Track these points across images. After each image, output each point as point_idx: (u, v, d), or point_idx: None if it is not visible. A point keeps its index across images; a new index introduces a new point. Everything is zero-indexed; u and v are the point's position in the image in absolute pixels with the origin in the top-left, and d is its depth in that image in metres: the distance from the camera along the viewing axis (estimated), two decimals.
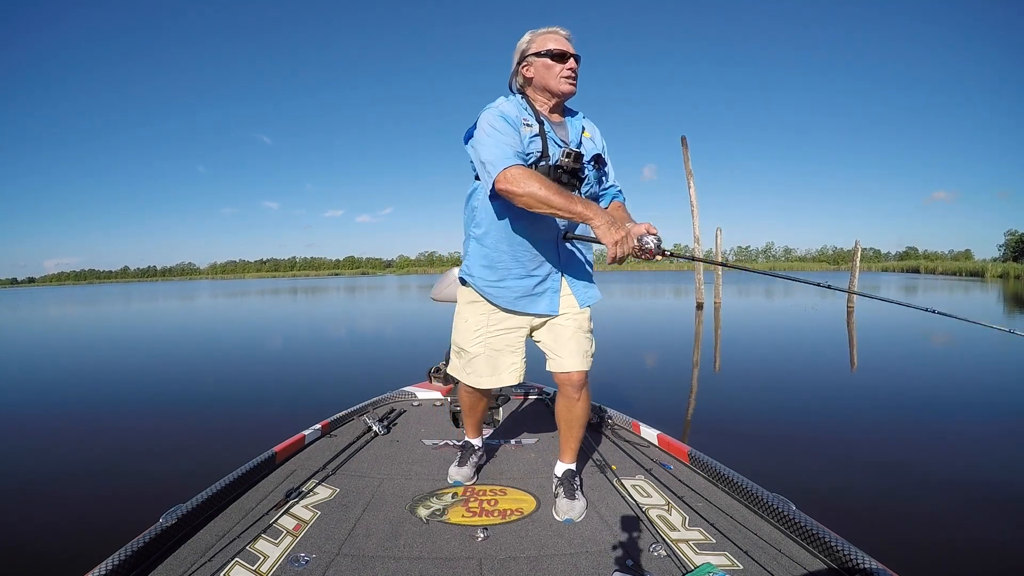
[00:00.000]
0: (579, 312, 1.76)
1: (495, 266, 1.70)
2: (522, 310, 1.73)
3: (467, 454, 2.08)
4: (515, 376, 1.79)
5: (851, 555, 1.35)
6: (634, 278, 44.97)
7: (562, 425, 1.85)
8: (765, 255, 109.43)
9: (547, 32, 1.66)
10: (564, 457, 1.90)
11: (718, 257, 15.30)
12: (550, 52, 1.62)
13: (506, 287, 1.71)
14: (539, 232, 1.66)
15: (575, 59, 1.64)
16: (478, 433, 2.15)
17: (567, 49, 1.63)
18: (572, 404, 1.78)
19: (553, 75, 1.63)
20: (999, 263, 46.81)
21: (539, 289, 1.72)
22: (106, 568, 1.31)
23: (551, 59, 1.62)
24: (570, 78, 1.64)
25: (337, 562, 1.47)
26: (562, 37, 1.66)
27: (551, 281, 1.73)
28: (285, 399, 4.97)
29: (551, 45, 1.63)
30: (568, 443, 1.87)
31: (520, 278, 1.70)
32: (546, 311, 1.74)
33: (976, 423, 4.01)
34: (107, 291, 49.28)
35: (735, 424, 4.01)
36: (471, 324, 1.80)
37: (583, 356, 1.75)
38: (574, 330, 1.74)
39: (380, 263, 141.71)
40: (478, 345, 1.79)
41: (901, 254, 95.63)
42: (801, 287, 22.00)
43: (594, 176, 1.73)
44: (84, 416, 4.59)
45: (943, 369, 6.24)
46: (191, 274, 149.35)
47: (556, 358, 1.76)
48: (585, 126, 1.76)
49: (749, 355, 7.35)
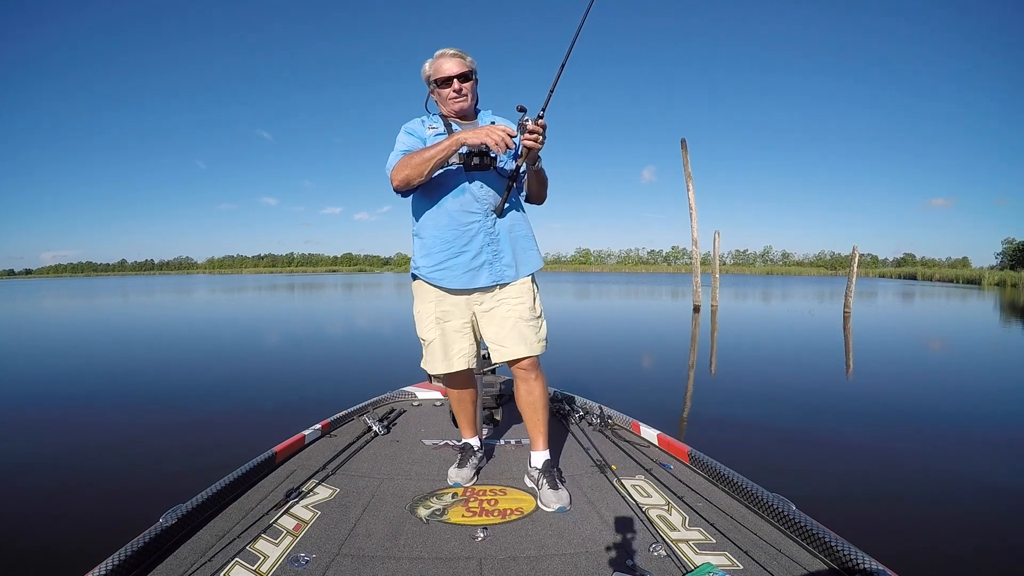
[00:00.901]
0: (519, 302, 1.89)
1: (431, 253, 1.88)
2: (464, 286, 1.87)
3: (467, 455, 2.10)
4: (465, 361, 1.94)
5: (851, 555, 1.36)
6: (632, 280, 45.06)
7: (526, 411, 1.96)
8: (763, 259, 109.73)
9: (437, 58, 1.86)
10: (537, 445, 1.98)
11: (716, 262, 15.32)
12: (436, 80, 1.85)
13: (445, 268, 1.87)
14: (461, 214, 1.84)
15: (459, 79, 1.83)
16: (474, 432, 2.17)
17: (449, 73, 1.82)
18: (531, 386, 1.91)
19: (444, 99, 1.87)
20: (996, 271, 46.97)
21: (475, 263, 1.86)
22: (106, 568, 1.31)
23: (438, 86, 1.86)
24: (456, 99, 1.85)
25: (337, 562, 1.47)
26: (448, 59, 1.84)
27: (485, 255, 1.87)
28: (285, 399, 4.96)
29: (437, 73, 1.85)
30: (537, 428, 1.96)
31: (455, 256, 1.86)
32: (487, 283, 1.87)
33: (974, 424, 4.03)
34: (104, 284, 49.07)
35: (735, 424, 4.02)
36: (423, 312, 1.96)
37: (528, 344, 1.87)
38: (515, 320, 1.87)
39: (378, 260, 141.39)
40: (431, 331, 1.94)
41: (898, 260, 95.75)
42: (799, 291, 22.03)
43: (506, 155, 1.89)
44: (83, 415, 4.57)
45: (940, 372, 6.27)
46: (188, 268, 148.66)
47: (502, 348, 1.89)
48: (495, 120, 1.96)
49: (746, 358, 7.37)
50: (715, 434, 3.81)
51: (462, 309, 1.92)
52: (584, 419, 2.67)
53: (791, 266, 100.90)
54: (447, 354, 1.93)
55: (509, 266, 1.90)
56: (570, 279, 45.41)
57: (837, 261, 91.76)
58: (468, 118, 1.93)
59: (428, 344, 1.96)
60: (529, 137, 1.68)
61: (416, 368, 2.19)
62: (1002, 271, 45.93)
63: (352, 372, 6.45)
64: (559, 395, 2.97)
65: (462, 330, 1.93)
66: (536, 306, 1.94)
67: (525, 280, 1.94)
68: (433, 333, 1.93)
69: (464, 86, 1.84)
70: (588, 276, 59.98)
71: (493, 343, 1.91)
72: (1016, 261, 54.94)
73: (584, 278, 51.39)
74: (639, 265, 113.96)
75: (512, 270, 1.90)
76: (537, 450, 1.97)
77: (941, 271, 54.09)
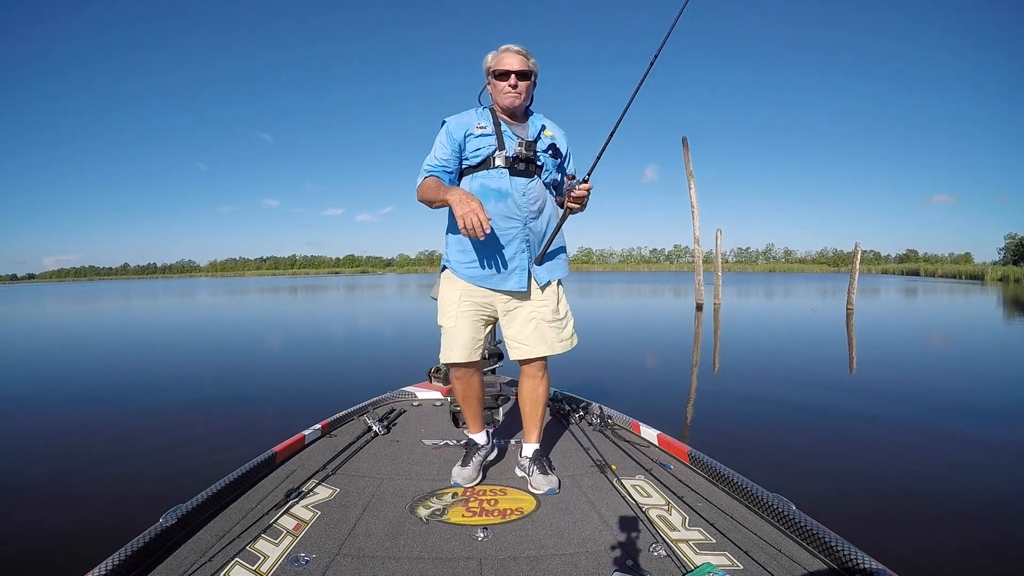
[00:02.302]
0: (542, 304, 1.94)
1: (467, 249, 1.91)
2: (493, 287, 1.91)
3: (470, 453, 2.07)
4: (478, 353, 1.97)
5: (851, 555, 1.36)
6: (634, 279, 45.00)
7: (527, 406, 2.05)
8: (765, 256, 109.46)
9: (501, 52, 1.87)
10: (531, 438, 2.07)
11: (718, 260, 15.29)
12: (495, 72, 1.86)
13: (478, 267, 1.90)
14: (502, 219, 1.85)
15: (517, 75, 1.83)
16: (480, 427, 2.13)
17: (509, 68, 1.83)
18: (536, 384, 2.00)
19: (498, 91, 1.87)
20: (999, 266, 46.74)
21: (509, 267, 1.89)
22: (106, 568, 1.31)
23: (495, 78, 1.86)
24: (510, 93, 1.85)
25: (337, 562, 1.47)
26: (511, 55, 1.85)
27: (518, 260, 1.89)
28: (285, 399, 4.96)
29: (497, 65, 1.85)
30: (534, 423, 2.06)
31: (488, 257, 1.89)
32: (515, 288, 1.90)
33: (977, 423, 4.01)
34: (107, 288, 49.32)
35: (735, 424, 4.01)
36: (448, 299, 1.98)
37: (547, 343, 1.94)
38: (537, 322, 1.94)
39: (380, 262, 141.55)
40: (451, 318, 1.96)
41: (901, 256, 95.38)
42: (802, 288, 21.98)
43: (552, 164, 1.95)
44: (84, 415, 4.59)
45: (943, 370, 6.24)
46: (191, 271, 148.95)
47: (523, 347, 1.95)
48: (546, 124, 1.97)
49: (749, 356, 7.35)
50: (715, 434, 3.80)
51: (487, 304, 1.95)
52: (584, 419, 2.67)
53: (793, 263, 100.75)
54: (465, 343, 1.94)
55: (539, 273, 1.93)
56: (572, 279, 45.24)
57: (839, 258, 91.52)
58: (517, 117, 1.93)
59: (447, 331, 1.98)
60: (575, 203, 1.78)
61: (416, 368, 2.19)
62: (1005, 266, 45.75)
63: (352, 372, 6.45)
64: (559, 395, 2.96)
65: (481, 322, 1.97)
66: (560, 308, 1.98)
67: (552, 285, 1.97)
68: (454, 320, 1.95)
69: (521, 84, 1.84)
70: (591, 275, 59.98)
71: (514, 341, 1.96)
72: (1019, 256, 54.64)
73: (586, 277, 51.38)
74: (641, 264, 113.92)
75: (542, 277, 1.94)
76: (530, 442, 2.06)
77: (944, 267, 53.95)
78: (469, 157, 1.87)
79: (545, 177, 1.93)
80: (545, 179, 1.94)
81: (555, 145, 1.95)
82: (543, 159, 1.91)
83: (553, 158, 1.95)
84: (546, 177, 1.94)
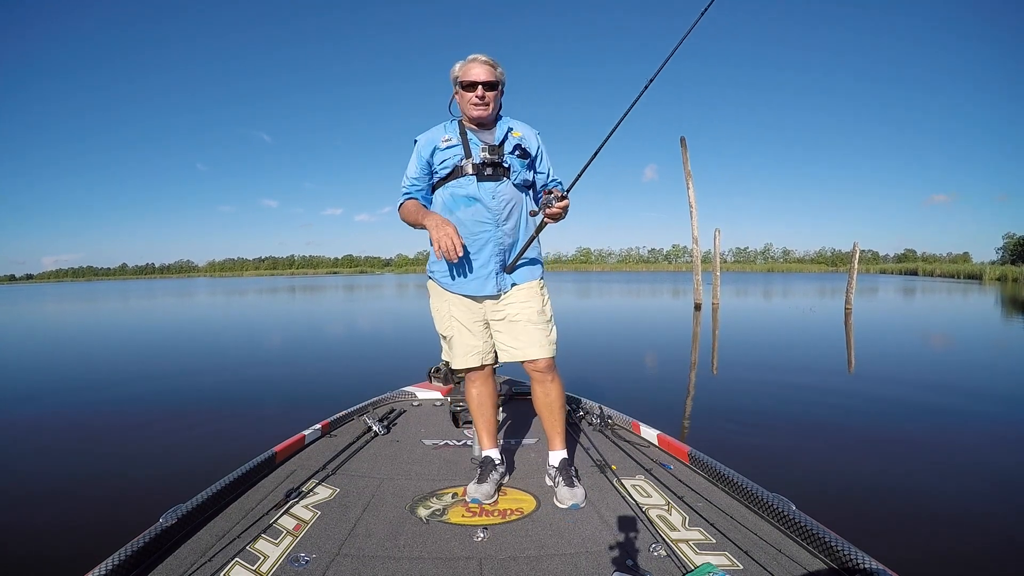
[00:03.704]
0: (527, 305, 1.92)
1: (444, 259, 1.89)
2: (473, 293, 1.93)
3: (487, 470, 1.95)
4: (479, 358, 1.98)
5: (851, 555, 1.36)
6: (633, 279, 45.02)
7: (544, 412, 1.99)
8: (764, 256, 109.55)
9: (468, 62, 1.87)
10: (554, 445, 2.00)
11: (716, 260, 15.30)
12: (462, 83, 1.86)
13: (454, 274, 1.93)
14: (473, 223, 1.87)
15: (484, 87, 1.83)
16: (493, 442, 2.05)
17: (475, 79, 1.83)
18: (547, 388, 1.95)
19: (466, 102, 1.87)
20: (997, 266, 46.77)
21: (483, 272, 1.90)
22: (106, 568, 1.31)
23: (462, 88, 1.86)
24: (477, 104, 1.85)
25: (337, 562, 1.47)
26: (479, 65, 1.85)
27: (493, 264, 1.90)
28: (285, 399, 4.96)
29: (464, 76, 1.85)
30: (554, 429, 2.00)
31: (464, 264, 1.90)
32: (493, 291, 1.91)
33: (976, 422, 4.02)
34: (105, 288, 49.20)
35: (735, 424, 4.01)
36: (440, 310, 2.01)
37: (539, 345, 1.91)
38: (524, 323, 1.91)
39: (379, 262, 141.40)
40: (448, 327, 1.99)
41: (899, 256, 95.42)
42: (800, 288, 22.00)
43: (520, 164, 1.93)
44: (83, 415, 4.58)
45: (942, 369, 6.25)
46: (189, 271, 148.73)
47: (516, 350, 1.93)
48: (513, 126, 1.96)
49: (748, 356, 7.36)
50: (715, 433, 3.80)
51: (475, 311, 1.96)
52: (584, 419, 2.67)
53: (792, 263, 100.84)
54: (467, 350, 1.96)
55: (517, 273, 1.94)
56: (571, 278, 45.43)
57: (838, 258, 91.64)
58: (486, 126, 1.94)
59: (447, 340, 2.02)
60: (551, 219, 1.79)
61: (416, 368, 2.19)
62: (1003, 266, 45.73)
63: (352, 372, 6.45)
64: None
65: (478, 327, 1.97)
66: (545, 309, 1.96)
67: (533, 284, 1.96)
68: (451, 330, 1.98)
69: (488, 95, 1.85)
70: (589, 275, 59.97)
71: (504, 345, 1.95)
72: (1017, 256, 54.70)
73: (585, 277, 51.38)
74: (640, 264, 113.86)
75: (521, 277, 1.95)
76: (554, 449, 1.99)
77: (942, 267, 54.00)
78: (438, 170, 1.90)
79: (515, 178, 1.92)
80: (515, 180, 1.92)
81: (521, 146, 1.94)
82: (510, 161, 1.90)
83: (521, 159, 1.94)
84: (515, 178, 1.92)
